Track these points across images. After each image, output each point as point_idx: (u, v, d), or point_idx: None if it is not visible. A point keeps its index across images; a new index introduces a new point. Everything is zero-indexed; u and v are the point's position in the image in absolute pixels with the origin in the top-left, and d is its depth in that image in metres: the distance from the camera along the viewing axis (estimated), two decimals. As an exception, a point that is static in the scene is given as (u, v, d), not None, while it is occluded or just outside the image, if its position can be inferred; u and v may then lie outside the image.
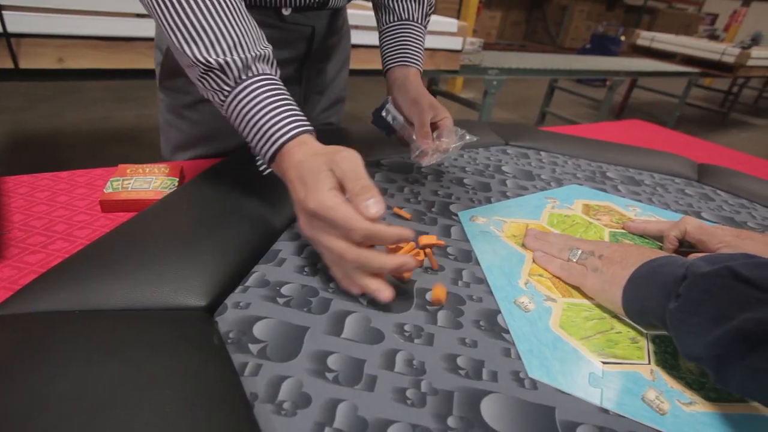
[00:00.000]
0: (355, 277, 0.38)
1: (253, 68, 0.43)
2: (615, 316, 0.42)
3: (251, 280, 0.41)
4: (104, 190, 0.56)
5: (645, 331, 0.41)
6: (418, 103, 0.61)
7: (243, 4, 0.45)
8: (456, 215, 0.56)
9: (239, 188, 0.53)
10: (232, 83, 0.42)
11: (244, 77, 0.42)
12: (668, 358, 0.38)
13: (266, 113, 0.42)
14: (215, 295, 0.38)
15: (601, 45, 5.93)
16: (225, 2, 0.43)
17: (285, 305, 0.38)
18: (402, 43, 0.67)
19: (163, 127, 0.73)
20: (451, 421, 0.30)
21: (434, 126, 0.61)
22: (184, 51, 0.42)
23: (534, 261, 0.48)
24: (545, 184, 0.70)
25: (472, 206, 0.59)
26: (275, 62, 0.46)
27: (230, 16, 0.43)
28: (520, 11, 8.69)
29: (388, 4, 0.68)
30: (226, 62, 0.42)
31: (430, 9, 0.70)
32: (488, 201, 0.61)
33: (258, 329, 0.36)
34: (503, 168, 0.73)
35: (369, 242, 0.38)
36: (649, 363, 0.37)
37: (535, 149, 0.85)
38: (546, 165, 0.78)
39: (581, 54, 5.58)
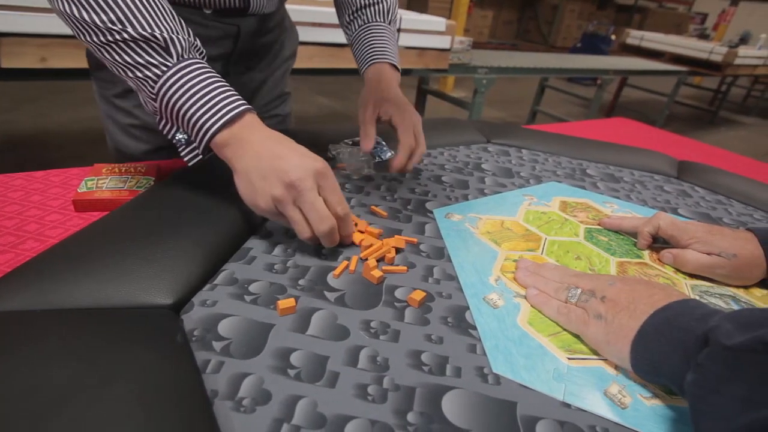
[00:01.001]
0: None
1: (193, 53, 0.46)
2: (584, 312, 0.42)
3: (220, 278, 0.41)
4: (78, 190, 0.55)
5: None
6: (365, 102, 0.62)
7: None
8: (431, 212, 0.56)
9: (213, 187, 0.53)
10: (174, 60, 0.44)
11: (185, 56, 0.44)
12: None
13: (215, 88, 0.44)
14: (182, 294, 0.38)
15: (592, 44, 5.95)
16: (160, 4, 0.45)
17: (252, 303, 0.38)
18: (364, 43, 0.69)
19: (103, 120, 0.73)
20: (411, 417, 0.30)
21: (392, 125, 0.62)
22: (124, 28, 0.42)
23: (527, 299, 0.42)
24: (524, 182, 0.70)
25: (448, 204, 0.59)
26: (206, 58, 0.49)
27: (167, 14, 0.45)
28: (512, 10, 8.72)
29: (352, 18, 0.71)
30: (171, 39, 0.43)
31: (395, 15, 0.73)
32: (465, 198, 0.61)
33: (223, 327, 0.35)
34: (483, 166, 0.74)
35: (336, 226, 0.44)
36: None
37: (516, 147, 0.85)
38: (526, 162, 0.78)
39: (572, 53, 5.60)
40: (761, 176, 0.92)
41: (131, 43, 0.43)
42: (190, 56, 0.45)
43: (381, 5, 0.70)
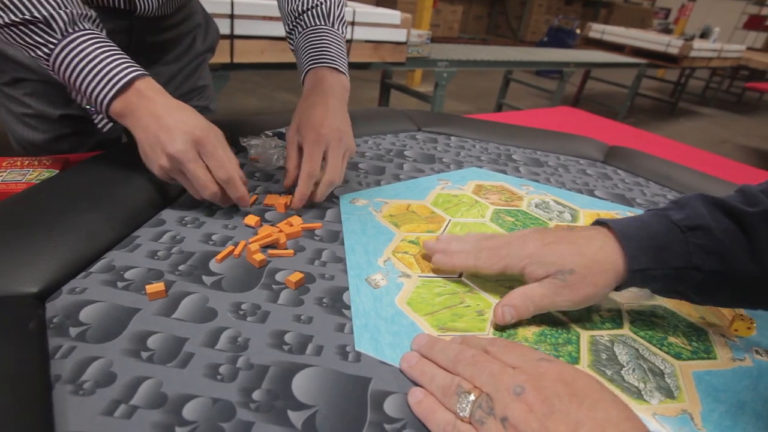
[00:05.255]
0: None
1: (80, 24, 0.46)
2: (469, 291, 0.43)
3: (97, 266, 0.40)
4: (-30, 182, 0.53)
5: (495, 302, 0.41)
6: (293, 120, 0.56)
7: None
8: (337, 198, 0.56)
9: (111, 179, 0.51)
10: (58, 36, 0.45)
11: (71, 30, 0.45)
12: (509, 327, 0.39)
13: (104, 58, 0.45)
14: (51, 282, 0.37)
15: (558, 38, 6.04)
16: None
17: (123, 289, 0.38)
18: (300, 51, 0.62)
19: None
20: (256, 395, 0.30)
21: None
22: (4, 12, 0.44)
23: (408, 406, 0.31)
24: (444, 167, 0.70)
25: (359, 190, 0.59)
26: (102, 25, 0.50)
27: None
28: (482, 5, 8.77)
29: (292, 27, 0.65)
30: (51, 15, 0.44)
31: (339, 15, 0.65)
32: (378, 184, 0.61)
33: (85, 313, 0.35)
34: (405, 153, 0.74)
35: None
36: (488, 334, 0.38)
37: (446, 134, 0.86)
38: (452, 149, 0.79)
39: (539, 47, 5.68)
40: (697, 162, 0.95)
41: (18, 26, 0.44)
42: (77, 28, 0.46)
43: (320, 8, 0.63)
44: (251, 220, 0.48)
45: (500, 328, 0.38)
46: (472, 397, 0.28)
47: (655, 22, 8.69)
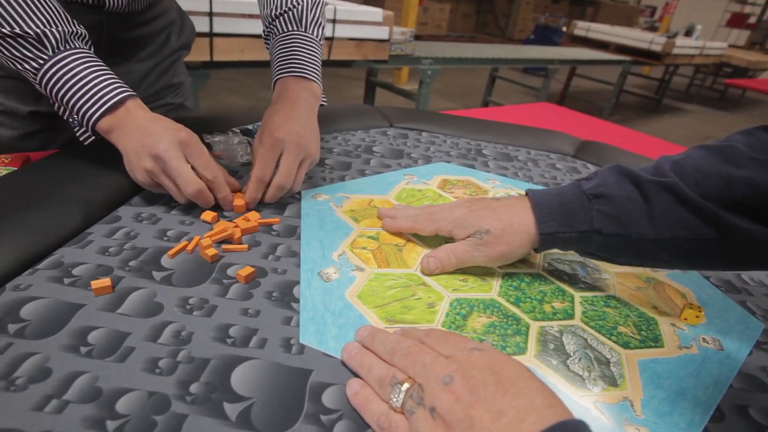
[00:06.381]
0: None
1: (71, 43, 0.47)
2: (422, 283, 0.43)
3: (45, 262, 0.40)
4: (-76, 181, 0.52)
5: (447, 295, 0.42)
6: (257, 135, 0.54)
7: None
8: (299, 194, 0.56)
9: (67, 176, 0.51)
10: (49, 52, 0.46)
11: (62, 48, 0.46)
12: (458, 318, 0.39)
13: (94, 78, 0.47)
14: (-5, 279, 0.37)
15: (544, 36, 6.08)
16: None
17: (70, 285, 0.37)
18: (272, 59, 0.62)
19: None
20: (193, 387, 0.29)
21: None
22: None
23: (346, 397, 0.31)
24: (412, 162, 0.71)
25: (322, 185, 0.59)
26: (91, 43, 0.51)
27: (40, 6, 0.46)
28: (470, 3, 8.79)
29: (268, 32, 0.65)
30: (44, 32, 0.45)
31: (314, 18, 0.64)
32: (342, 180, 0.61)
33: (26, 310, 0.34)
34: (374, 148, 0.74)
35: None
36: (437, 326, 0.38)
37: (417, 130, 0.86)
38: (422, 144, 0.79)
39: (525, 44, 5.70)
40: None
41: (6, 39, 0.45)
42: (68, 47, 0.47)
43: (292, 12, 0.61)
44: (208, 215, 0.48)
45: (450, 318, 0.39)
46: (405, 388, 0.29)
47: (641, 20, 8.78)
